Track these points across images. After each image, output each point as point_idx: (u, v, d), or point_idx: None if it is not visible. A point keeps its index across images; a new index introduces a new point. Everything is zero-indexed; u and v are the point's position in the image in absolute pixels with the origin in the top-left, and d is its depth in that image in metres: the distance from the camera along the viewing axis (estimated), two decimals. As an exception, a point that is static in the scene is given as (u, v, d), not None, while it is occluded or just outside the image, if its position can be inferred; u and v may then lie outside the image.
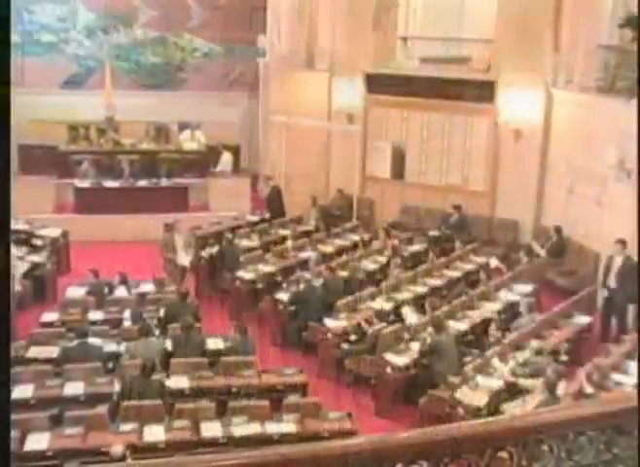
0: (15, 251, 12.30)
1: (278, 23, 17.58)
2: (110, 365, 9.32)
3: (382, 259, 13.38)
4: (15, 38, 19.18)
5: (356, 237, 14.57)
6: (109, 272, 11.97)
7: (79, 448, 7.49)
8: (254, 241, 14.14)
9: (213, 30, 19.97)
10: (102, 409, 8.22)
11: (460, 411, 8.44)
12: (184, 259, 13.28)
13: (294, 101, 16.55)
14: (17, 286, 11.52)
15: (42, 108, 18.64)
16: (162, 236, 13.56)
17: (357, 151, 15.85)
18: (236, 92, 20.35)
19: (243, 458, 2.55)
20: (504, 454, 2.69)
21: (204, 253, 13.47)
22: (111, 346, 9.69)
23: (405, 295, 11.80)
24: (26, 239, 13.80)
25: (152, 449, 7.55)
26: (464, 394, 8.63)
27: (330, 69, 16.58)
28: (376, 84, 15.84)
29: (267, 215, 15.63)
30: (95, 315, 10.81)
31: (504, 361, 9.33)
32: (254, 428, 7.95)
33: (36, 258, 12.95)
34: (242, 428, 7.89)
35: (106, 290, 11.58)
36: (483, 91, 14.73)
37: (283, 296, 11.64)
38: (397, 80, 15.64)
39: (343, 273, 12.29)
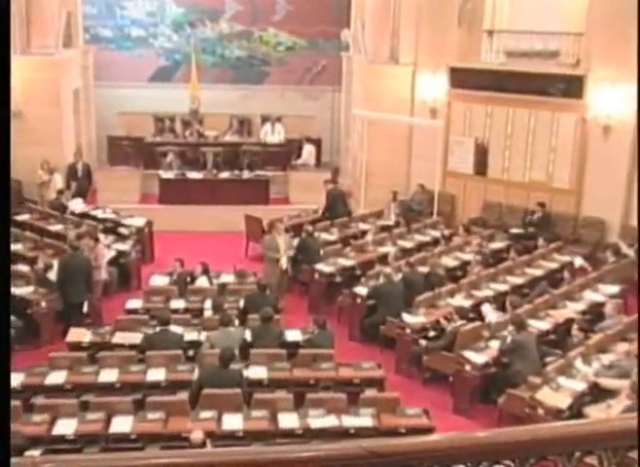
0: (102, 239, 12.66)
1: (363, 17, 17.54)
2: (190, 353, 9.51)
3: (463, 255, 13.23)
4: (106, 33, 19.77)
5: (436, 233, 14.44)
6: (191, 262, 12.19)
7: (160, 432, 7.66)
8: (334, 235, 14.17)
9: (297, 24, 20.07)
10: (183, 395, 8.38)
11: (541, 412, 8.27)
12: (285, 262, 12.66)
13: (376, 95, 16.49)
14: (104, 274, 11.86)
15: (130, 101, 19.15)
16: (264, 238, 12.94)
17: (439, 146, 15.67)
18: (319, 86, 20.40)
19: (322, 450, 2.55)
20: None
21: (284, 245, 13.56)
22: (192, 335, 9.87)
23: (485, 292, 11.64)
24: (113, 228, 14.19)
25: (230, 438, 7.66)
26: (545, 395, 8.46)
27: (413, 63, 16.44)
28: (460, 78, 15.63)
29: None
30: (177, 304, 11.03)
31: (587, 363, 9.09)
32: (330, 421, 7.96)
33: (122, 246, 13.29)
34: (319, 420, 7.92)
35: (188, 279, 11.80)
36: (572, 86, 14.34)
37: (362, 290, 11.63)
38: (482, 74, 15.39)
39: (423, 269, 12.20)
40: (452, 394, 9.69)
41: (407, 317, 10.65)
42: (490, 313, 10.71)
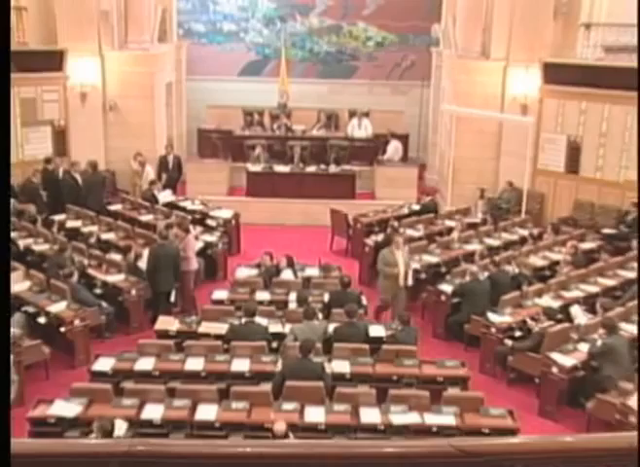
0: (192, 230, 12.93)
1: (454, 12, 17.31)
2: (274, 345, 9.61)
3: (552, 255, 12.92)
4: (199, 28, 20.15)
5: (525, 232, 14.14)
6: (276, 255, 12.30)
7: (243, 422, 7.78)
8: (419, 231, 14.05)
9: (387, 19, 19.96)
10: (266, 386, 8.48)
11: (632, 419, 8.00)
12: (406, 277, 11.49)
13: (466, 91, 16.25)
14: (195, 264, 12.09)
15: (220, 94, 19.48)
16: (381, 252, 11.79)
17: (529, 143, 15.33)
18: (407, 81, 20.26)
19: (410, 447, 2.53)
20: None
21: (369, 241, 13.55)
22: (276, 327, 9.96)
23: (574, 293, 11.34)
24: (201, 219, 14.46)
25: (312, 430, 7.71)
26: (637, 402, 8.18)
27: (505, 58, 16.12)
28: (554, 73, 15.23)
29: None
30: (262, 296, 11.15)
31: (682, 370, 8.75)
32: (413, 418, 7.91)
33: (209, 238, 13.53)
34: (401, 417, 7.88)
35: (273, 272, 11.91)
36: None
37: (447, 287, 11.50)
38: (577, 70, 14.95)
39: (510, 268, 11.97)
40: (538, 396, 9.49)
41: (492, 316, 10.48)
42: (580, 315, 10.43)
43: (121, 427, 7.16)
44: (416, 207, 15.39)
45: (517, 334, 10.29)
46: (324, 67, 20.52)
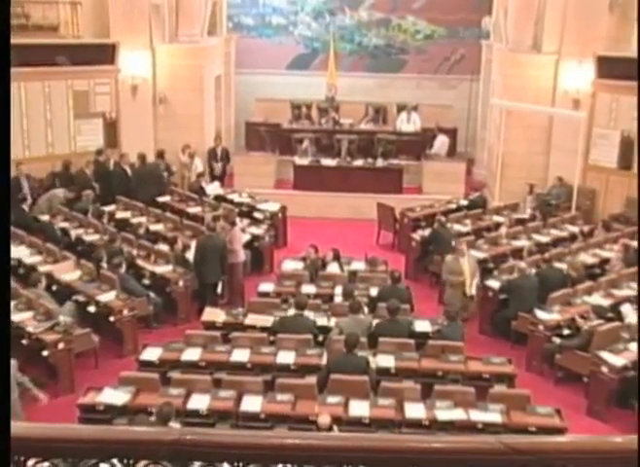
0: (238, 223, 13.01)
1: (505, 4, 17.06)
2: (320, 338, 9.62)
3: (602, 253, 12.69)
4: (248, 21, 20.24)
5: (574, 229, 13.91)
6: (322, 248, 12.32)
7: (288, 414, 7.81)
8: (466, 226, 13.93)
9: (437, 12, 19.78)
10: (311, 379, 8.50)
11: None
12: (471, 287, 11.38)
13: (516, 85, 16.02)
14: (242, 256, 12.17)
15: (268, 87, 19.53)
16: (445, 260, 11.61)
17: (581, 138, 15.05)
18: (457, 75, 20.07)
19: (459, 442, 2.51)
20: None
21: (416, 235, 13.48)
22: (321, 320, 9.97)
23: (625, 292, 11.12)
24: (248, 212, 14.53)
25: (356, 424, 7.71)
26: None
27: (557, 52, 15.85)
28: (609, 67, 14.92)
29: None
30: (308, 289, 11.16)
31: None
32: (458, 414, 7.85)
33: (256, 230, 13.60)
34: (446, 413, 7.83)
35: (319, 265, 11.93)
36: None
37: (494, 283, 11.38)
38: (632, 63, 14.61)
39: (559, 265, 11.79)
40: (587, 396, 9.34)
41: (540, 313, 10.34)
42: (631, 314, 10.23)
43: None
44: (464, 202, 15.26)
45: (566, 332, 10.14)
46: (372, 61, 20.44)
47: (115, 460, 2.30)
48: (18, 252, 12.12)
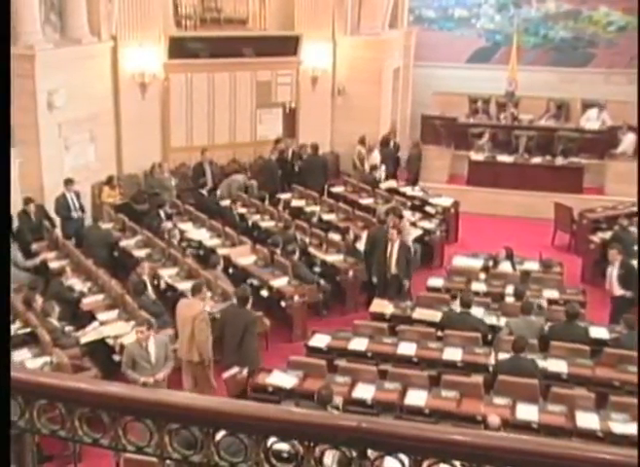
0: (409, 216, 12.98)
1: None
2: (489, 337, 9.42)
3: None
4: (430, 14, 20.09)
5: None
6: (494, 246, 12.04)
7: (453, 411, 7.70)
8: (652, 231, 13.11)
9: (634, 1, 18.60)
10: (477, 378, 8.34)
11: None
12: None
13: None
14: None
15: (445, 81, 19.32)
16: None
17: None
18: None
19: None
20: None
21: (595, 237, 12.87)
22: (490, 319, 9.77)
23: None
24: (420, 206, 14.46)
25: (524, 428, 7.46)
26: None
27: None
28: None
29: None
30: (479, 286, 10.97)
31: None
32: (633, 428, 7.43)
33: (427, 225, 13.51)
34: (622, 426, 7.42)
35: (491, 263, 11.68)
36: None
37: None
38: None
39: None
40: None
41: None
42: None
43: (335, 401, 7.36)
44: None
45: None
46: (557, 54, 19.67)
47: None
48: (200, 234, 12.75)
